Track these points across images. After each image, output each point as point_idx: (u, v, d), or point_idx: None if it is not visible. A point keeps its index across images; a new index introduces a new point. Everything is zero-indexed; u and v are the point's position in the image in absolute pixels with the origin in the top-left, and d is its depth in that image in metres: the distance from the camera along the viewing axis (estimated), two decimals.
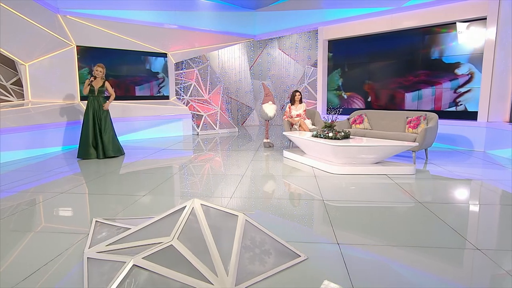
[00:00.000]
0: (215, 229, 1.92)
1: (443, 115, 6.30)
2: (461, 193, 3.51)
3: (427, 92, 6.58)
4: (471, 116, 6.03)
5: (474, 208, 2.99)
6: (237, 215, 1.97)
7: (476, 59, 5.91)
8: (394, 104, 7.08)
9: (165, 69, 8.41)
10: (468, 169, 4.49)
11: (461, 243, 2.19)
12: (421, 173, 4.25)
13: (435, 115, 5.05)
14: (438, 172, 4.30)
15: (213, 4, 8.56)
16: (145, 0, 7.47)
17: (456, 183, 3.84)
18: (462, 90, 6.15)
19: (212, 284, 1.68)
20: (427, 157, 5.12)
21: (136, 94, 8.06)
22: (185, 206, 2.00)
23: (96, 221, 2.54)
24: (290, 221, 2.71)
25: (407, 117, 5.33)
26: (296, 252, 1.99)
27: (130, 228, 2.17)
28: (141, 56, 7.98)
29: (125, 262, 1.68)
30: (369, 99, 7.57)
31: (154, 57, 8.19)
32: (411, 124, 5.15)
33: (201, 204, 2.00)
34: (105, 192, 3.50)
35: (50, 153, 5.69)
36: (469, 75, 6.04)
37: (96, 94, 5.25)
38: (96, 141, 5.25)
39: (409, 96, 6.85)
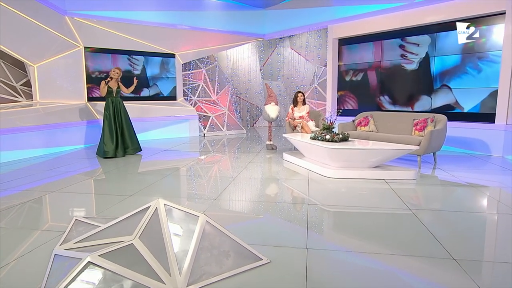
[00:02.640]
0: (175, 229, 1.92)
1: (458, 117, 5.97)
2: (457, 201, 3.30)
3: (440, 93, 6.29)
4: (489, 118, 5.65)
5: (465, 216, 2.80)
6: (198, 216, 1.96)
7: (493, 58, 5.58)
8: (408, 104, 6.83)
9: (171, 69, 8.49)
10: (478, 175, 4.21)
11: (438, 252, 2.06)
12: (423, 179, 4.05)
13: (443, 117, 4.79)
14: (443, 178, 4.07)
15: (221, 4, 8.54)
16: (152, 0, 7.57)
17: (457, 189, 3.62)
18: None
19: (164, 284, 1.68)
20: (435, 162, 4.87)
21: (142, 95, 8.13)
22: (149, 206, 2.02)
23: (76, 219, 2.61)
24: (265, 224, 2.67)
25: (414, 119, 5.10)
26: (258, 255, 1.95)
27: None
28: (147, 57, 8.06)
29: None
30: (379, 99, 7.33)
31: (159, 58, 8.24)
32: (418, 127, 4.92)
33: (164, 204, 2.00)
34: (95, 192, 3.61)
35: (57, 152, 5.91)
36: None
37: (114, 94, 5.52)
38: (117, 139, 5.48)
39: (422, 97, 6.58)
